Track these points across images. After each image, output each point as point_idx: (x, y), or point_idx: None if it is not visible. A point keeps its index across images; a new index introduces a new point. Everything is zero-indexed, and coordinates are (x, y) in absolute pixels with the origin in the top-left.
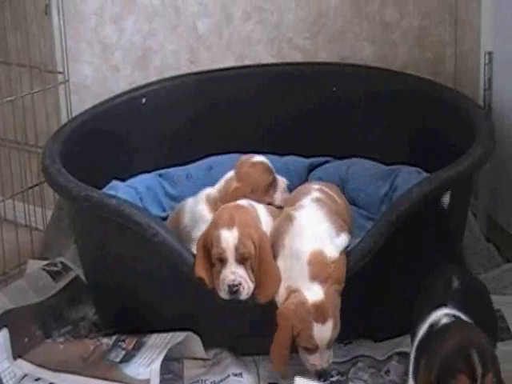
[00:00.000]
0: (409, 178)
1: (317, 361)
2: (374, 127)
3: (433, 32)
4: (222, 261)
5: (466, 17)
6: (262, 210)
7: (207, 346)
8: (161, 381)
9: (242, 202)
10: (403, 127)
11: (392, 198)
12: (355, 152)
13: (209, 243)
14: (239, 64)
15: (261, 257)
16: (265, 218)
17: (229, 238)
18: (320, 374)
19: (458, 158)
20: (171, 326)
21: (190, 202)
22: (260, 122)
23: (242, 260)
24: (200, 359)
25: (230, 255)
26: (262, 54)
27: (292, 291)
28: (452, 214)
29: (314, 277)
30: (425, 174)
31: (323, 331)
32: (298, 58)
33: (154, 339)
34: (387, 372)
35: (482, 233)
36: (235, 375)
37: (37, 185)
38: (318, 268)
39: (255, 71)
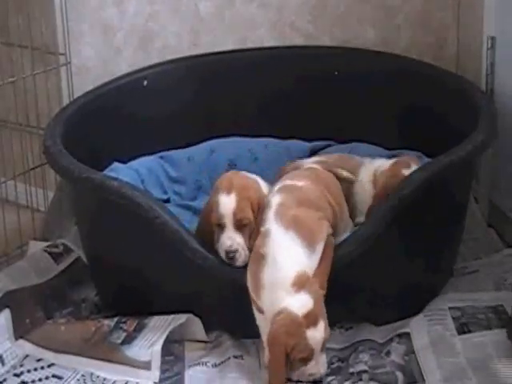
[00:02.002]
0: None
1: (314, 369)
2: (375, 111)
3: (435, 16)
4: (221, 226)
5: (469, 1)
6: (263, 183)
7: (208, 328)
8: (162, 363)
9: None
10: (405, 112)
11: None
12: (357, 136)
13: (210, 209)
14: (241, 47)
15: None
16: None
17: (227, 203)
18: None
19: (459, 142)
20: (172, 309)
21: None
22: (262, 106)
23: (240, 226)
24: (201, 341)
25: (228, 221)
26: (265, 37)
27: (279, 311)
28: (454, 198)
29: (300, 290)
30: (426, 159)
31: (316, 335)
32: (300, 41)
33: (155, 321)
34: (388, 353)
35: (483, 218)
36: (236, 357)
37: (38, 166)
38: (303, 283)
39: (257, 54)
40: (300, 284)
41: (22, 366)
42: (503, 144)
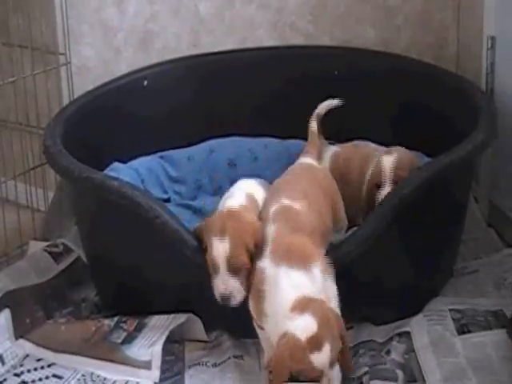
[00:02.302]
0: None
1: None
2: (376, 111)
3: (435, 16)
4: (214, 268)
5: (469, 1)
6: (261, 198)
7: (208, 328)
8: (162, 362)
9: (240, 197)
10: (405, 111)
11: None
12: (357, 136)
13: (203, 242)
14: (241, 47)
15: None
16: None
17: (220, 248)
18: None
19: (459, 142)
20: (172, 308)
21: None
22: (261, 106)
23: (234, 270)
24: (201, 341)
25: (222, 265)
26: (264, 38)
27: (283, 335)
28: (454, 198)
29: (302, 313)
30: (426, 158)
31: (321, 358)
32: (300, 41)
33: (156, 321)
34: (388, 352)
35: (483, 217)
36: (236, 357)
37: (38, 166)
38: (304, 306)
39: (257, 54)
40: (301, 307)
41: (22, 365)
42: (503, 144)
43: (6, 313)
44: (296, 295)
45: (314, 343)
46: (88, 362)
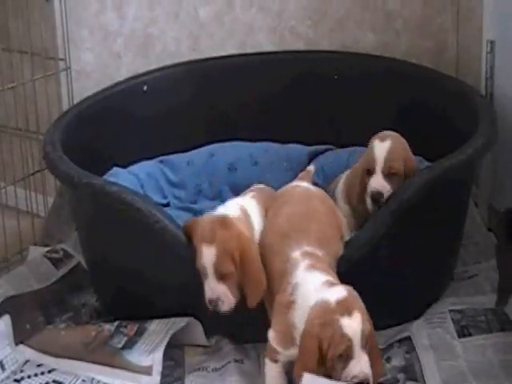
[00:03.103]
0: None
1: (357, 368)
2: (375, 115)
3: (435, 20)
4: (203, 274)
5: (468, 5)
6: (254, 213)
7: (208, 333)
8: (162, 368)
9: (233, 207)
10: (405, 116)
11: None
12: (356, 140)
13: (191, 240)
14: (241, 52)
15: (244, 267)
16: (258, 220)
17: (208, 255)
18: None
19: (459, 146)
20: (173, 313)
21: None
22: (261, 110)
23: (222, 276)
24: (201, 346)
25: (210, 272)
26: (264, 42)
27: (311, 307)
28: (454, 202)
29: (331, 286)
30: (426, 163)
31: (352, 324)
32: (299, 46)
33: (156, 325)
34: (388, 359)
35: (483, 222)
36: (236, 361)
37: (38, 171)
38: (332, 283)
39: (257, 59)
40: (330, 284)
41: (22, 371)
42: (503, 147)
43: (6, 319)
44: (325, 278)
45: (344, 307)
46: (88, 367)
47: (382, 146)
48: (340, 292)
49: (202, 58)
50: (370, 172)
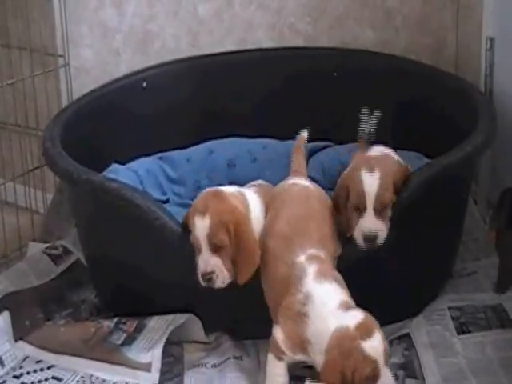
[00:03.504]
0: (409, 163)
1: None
2: (374, 112)
3: (434, 18)
4: (197, 248)
5: (468, 2)
6: (253, 199)
7: (207, 329)
8: (161, 364)
9: (229, 188)
10: (404, 113)
11: None
12: (355, 137)
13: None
14: (240, 48)
15: (238, 241)
16: (257, 209)
17: (201, 226)
18: None
19: (459, 143)
20: (172, 310)
21: None
22: (260, 107)
23: (215, 249)
24: (200, 343)
25: (204, 244)
26: (263, 39)
27: (331, 336)
28: (453, 199)
29: (347, 310)
30: (425, 160)
31: (374, 345)
32: (299, 42)
33: (155, 321)
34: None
35: (482, 219)
36: (235, 358)
37: (37, 168)
38: (348, 306)
39: (256, 56)
40: (346, 306)
41: (21, 367)
42: (502, 145)
43: (6, 315)
44: (341, 299)
45: (364, 331)
46: (88, 363)
47: (371, 180)
48: (357, 316)
49: (202, 55)
50: (359, 208)
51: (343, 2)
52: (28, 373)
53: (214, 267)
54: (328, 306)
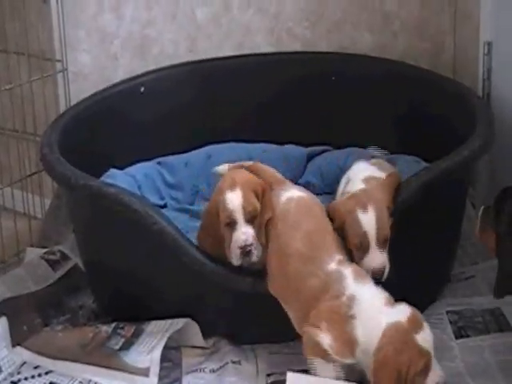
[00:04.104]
0: (407, 167)
1: (436, 374)
2: (373, 116)
3: (432, 22)
4: (231, 224)
5: (466, 7)
6: None
7: (206, 334)
8: (159, 369)
9: None
10: (402, 117)
11: None
12: (354, 141)
13: (215, 211)
14: (238, 53)
15: (264, 206)
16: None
17: (234, 199)
18: None
19: (457, 147)
20: (170, 315)
21: None
22: (259, 111)
23: (250, 219)
24: (199, 347)
25: (239, 216)
26: (261, 43)
27: (382, 334)
28: (451, 203)
29: (394, 305)
30: (423, 163)
31: (427, 337)
32: (297, 47)
33: (153, 326)
34: None
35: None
36: (234, 362)
37: (35, 173)
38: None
39: (254, 60)
40: (391, 302)
41: (19, 373)
42: (500, 149)
43: (3, 320)
44: (385, 296)
45: (415, 323)
46: (85, 368)
47: (368, 219)
48: (406, 310)
49: (200, 60)
50: (362, 247)
51: (341, 7)
52: (26, 378)
53: (253, 239)
54: (376, 305)
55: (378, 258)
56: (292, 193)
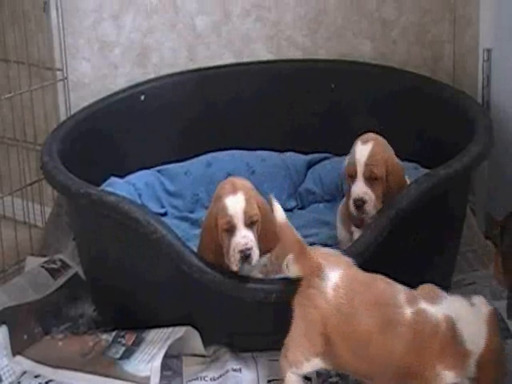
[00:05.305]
0: (407, 174)
1: None
2: (372, 124)
3: (432, 29)
4: (231, 229)
5: (465, 14)
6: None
7: (206, 342)
8: (160, 378)
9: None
10: (402, 124)
11: None
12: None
13: (213, 220)
14: (238, 61)
15: (263, 218)
16: None
17: (235, 203)
18: None
19: (456, 154)
20: (170, 323)
21: None
22: (259, 119)
23: (250, 224)
24: (199, 356)
25: (239, 220)
26: (261, 52)
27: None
28: (451, 210)
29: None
30: (422, 170)
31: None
32: (297, 55)
33: (154, 334)
34: None
35: (480, 230)
36: (234, 370)
37: (35, 182)
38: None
39: (254, 68)
40: (471, 302)
41: (19, 382)
42: (499, 156)
43: (4, 329)
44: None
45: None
46: (86, 377)
47: (363, 149)
48: (484, 306)
49: (200, 68)
50: (351, 177)
51: (341, 15)
52: None
53: (252, 243)
54: (466, 313)
55: (360, 188)
56: (340, 269)
